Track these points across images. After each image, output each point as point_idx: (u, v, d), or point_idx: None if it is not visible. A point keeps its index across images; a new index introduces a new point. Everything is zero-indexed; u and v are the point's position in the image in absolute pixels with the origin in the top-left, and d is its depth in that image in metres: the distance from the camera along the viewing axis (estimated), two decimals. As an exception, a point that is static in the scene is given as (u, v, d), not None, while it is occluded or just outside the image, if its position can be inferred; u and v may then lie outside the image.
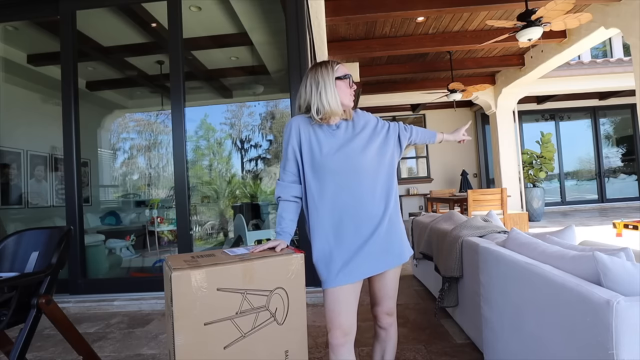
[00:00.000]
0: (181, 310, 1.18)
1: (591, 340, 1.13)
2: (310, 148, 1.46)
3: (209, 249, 2.39)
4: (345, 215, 1.40)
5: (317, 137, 1.46)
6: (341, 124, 1.49)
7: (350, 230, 1.40)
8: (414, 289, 3.46)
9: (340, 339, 1.37)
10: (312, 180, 1.44)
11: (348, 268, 1.37)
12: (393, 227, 1.45)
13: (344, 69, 1.48)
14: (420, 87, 7.99)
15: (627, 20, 4.47)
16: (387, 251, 1.43)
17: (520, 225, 6.27)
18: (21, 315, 1.76)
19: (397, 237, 1.46)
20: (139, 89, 6.68)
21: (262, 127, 7.29)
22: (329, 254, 1.40)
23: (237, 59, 5.67)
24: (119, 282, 3.64)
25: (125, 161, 7.11)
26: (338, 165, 1.42)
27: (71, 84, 3.55)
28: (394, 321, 1.56)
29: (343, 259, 1.38)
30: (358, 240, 1.39)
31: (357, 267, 1.38)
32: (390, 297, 1.51)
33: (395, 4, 4.52)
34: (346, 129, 1.48)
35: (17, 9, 3.71)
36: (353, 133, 1.47)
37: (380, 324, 1.55)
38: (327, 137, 1.46)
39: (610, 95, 9.29)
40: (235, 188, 7.01)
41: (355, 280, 1.38)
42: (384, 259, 1.42)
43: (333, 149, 1.43)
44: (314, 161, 1.44)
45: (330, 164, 1.42)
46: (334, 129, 1.47)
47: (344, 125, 1.49)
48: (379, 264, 1.41)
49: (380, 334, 1.57)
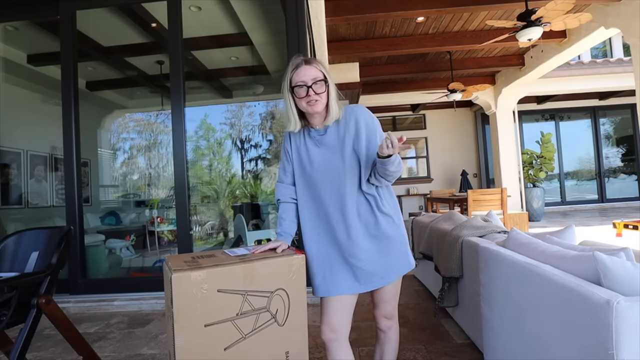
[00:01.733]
0: (181, 311, 1.18)
1: (591, 340, 1.13)
2: (298, 155, 1.47)
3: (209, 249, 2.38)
4: (324, 225, 1.41)
5: (306, 145, 1.45)
6: (329, 128, 1.42)
7: (328, 241, 1.40)
8: (414, 289, 3.46)
9: (328, 334, 1.38)
10: (299, 186, 1.47)
11: (327, 281, 1.38)
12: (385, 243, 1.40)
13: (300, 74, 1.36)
14: (420, 87, 7.99)
15: (627, 20, 4.47)
16: (374, 273, 1.38)
17: (520, 225, 6.28)
18: (21, 315, 1.76)
19: (390, 254, 1.40)
20: (139, 89, 6.68)
21: (262, 127, 7.29)
22: (310, 260, 1.43)
23: (237, 59, 5.67)
24: (119, 282, 3.64)
25: (125, 161, 7.11)
26: (319, 175, 1.42)
27: (71, 84, 3.55)
28: (394, 324, 1.55)
29: (322, 269, 1.40)
30: (337, 254, 1.39)
31: (336, 283, 1.38)
32: (387, 302, 1.49)
33: (395, 4, 4.52)
34: (335, 132, 1.42)
35: (17, 9, 3.71)
36: (336, 139, 1.41)
37: (380, 326, 1.54)
38: (314, 145, 1.44)
39: (610, 95, 9.29)
40: (235, 188, 7.01)
41: (335, 294, 1.38)
42: (367, 278, 1.38)
43: (317, 158, 1.42)
44: (300, 168, 1.46)
45: (312, 173, 1.43)
46: (322, 134, 1.43)
47: (332, 128, 1.42)
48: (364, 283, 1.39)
49: (380, 336, 1.57)
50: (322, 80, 1.36)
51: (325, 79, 1.37)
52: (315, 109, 1.37)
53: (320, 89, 1.35)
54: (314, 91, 1.34)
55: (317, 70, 1.36)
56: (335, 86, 1.43)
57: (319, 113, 1.40)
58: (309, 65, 1.37)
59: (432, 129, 10.28)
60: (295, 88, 1.36)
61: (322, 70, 1.38)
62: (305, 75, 1.35)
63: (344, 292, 1.38)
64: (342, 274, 1.38)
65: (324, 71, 1.38)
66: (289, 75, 1.38)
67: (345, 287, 1.38)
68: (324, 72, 1.38)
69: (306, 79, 1.35)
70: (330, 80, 1.39)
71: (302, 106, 1.38)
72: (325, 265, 1.40)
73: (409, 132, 10.15)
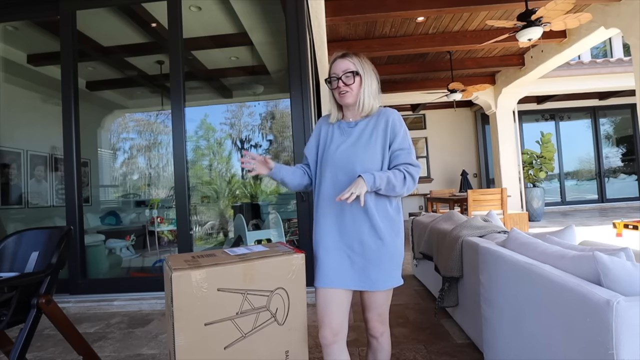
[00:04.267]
0: (181, 310, 1.18)
1: (591, 340, 1.13)
2: (325, 142, 1.51)
3: (209, 249, 2.39)
4: (331, 214, 1.42)
5: (332, 133, 1.50)
6: (360, 122, 1.46)
7: (334, 231, 1.41)
8: (414, 289, 3.46)
9: (330, 338, 1.36)
10: (318, 173, 1.51)
11: (329, 270, 1.38)
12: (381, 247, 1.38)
13: (335, 66, 1.45)
14: (420, 87, 7.99)
15: (627, 20, 4.47)
16: (364, 270, 1.38)
17: (520, 225, 6.27)
18: (21, 315, 1.76)
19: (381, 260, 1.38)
20: (139, 89, 6.68)
21: (262, 127, 7.30)
22: (316, 248, 1.45)
23: (237, 59, 5.67)
24: (119, 282, 3.64)
25: (125, 161, 7.11)
26: (335, 162, 1.43)
27: (71, 84, 3.55)
28: (386, 330, 1.51)
29: (323, 258, 1.40)
30: (340, 245, 1.39)
31: (334, 274, 1.37)
32: (378, 305, 1.45)
33: (395, 4, 4.52)
34: (364, 126, 1.45)
35: (17, 9, 3.71)
36: (361, 132, 1.44)
37: (371, 332, 1.50)
38: (340, 134, 1.48)
39: (610, 95, 9.29)
40: (235, 188, 7.01)
41: (334, 286, 1.37)
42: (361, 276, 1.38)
43: (338, 147, 1.45)
44: (320, 155, 1.51)
45: (328, 160, 1.45)
46: (352, 126, 1.47)
47: (363, 123, 1.45)
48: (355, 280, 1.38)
49: (372, 343, 1.53)
50: (353, 72, 1.41)
51: (356, 72, 1.42)
52: (345, 100, 1.44)
53: (349, 80, 1.42)
54: (344, 82, 1.41)
55: (350, 63, 1.43)
56: (378, 83, 1.47)
57: (351, 105, 1.46)
58: (344, 58, 1.44)
59: (432, 129, 10.28)
60: (331, 80, 1.45)
61: (355, 63, 1.43)
62: (338, 67, 1.44)
63: (346, 285, 1.38)
64: (345, 267, 1.38)
65: (357, 64, 1.43)
66: (329, 68, 1.47)
67: (348, 280, 1.38)
68: (358, 65, 1.43)
69: (337, 71, 1.43)
70: (364, 74, 1.43)
71: (337, 97, 1.47)
72: (331, 254, 1.40)
73: (409, 132, 10.13)
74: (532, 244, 1.67)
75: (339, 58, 1.45)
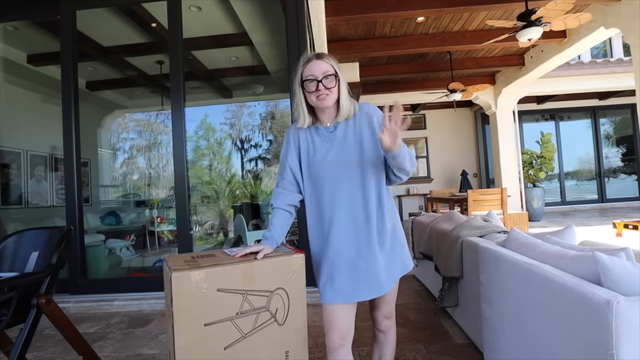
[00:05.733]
0: (181, 310, 1.18)
1: (591, 340, 1.13)
2: (307, 153, 1.43)
3: (209, 249, 2.39)
4: (332, 225, 1.38)
5: (313, 142, 1.43)
6: (338, 125, 1.40)
7: (335, 242, 1.37)
8: (414, 289, 3.46)
9: (338, 342, 1.35)
10: (307, 184, 1.44)
11: (334, 285, 1.34)
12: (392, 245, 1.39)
13: (311, 68, 1.35)
14: (420, 87, 7.99)
15: (627, 20, 4.47)
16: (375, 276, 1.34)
17: (520, 225, 6.27)
18: (21, 315, 1.76)
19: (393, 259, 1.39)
20: (139, 89, 6.68)
21: (262, 127, 7.30)
22: (318, 262, 1.42)
23: (237, 59, 5.67)
24: (119, 282, 3.64)
25: (125, 161, 7.11)
26: (331, 171, 1.38)
27: (71, 84, 3.55)
28: (393, 324, 1.54)
29: (328, 272, 1.36)
30: (344, 256, 1.35)
31: (342, 287, 1.34)
32: (388, 302, 1.48)
33: (395, 4, 4.52)
34: (345, 127, 1.39)
35: (17, 9, 3.71)
36: (344, 134, 1.38)
37: (379, 327, 1.52)
38: (324, 142, 1.41)
39: (610, 95, 9.29)
40: (235, 188, 7.01)
41: (341, 302, 1.34)
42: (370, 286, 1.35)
43: (328, 155, 1.39)
44: (307, 166, 1.43)
45: (319, 170, 1.40)
46: (332, 131, 1.40)
47: (342, 125, 1.40)
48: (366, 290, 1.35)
49: (379, 337, 1.55)
50: (333, 75, 1.34)
51: (336, 74, 1.36)
52: (325, 104, 1.35)
53: (330, 83, 1.34)
54: (324, 85, 1.33)
55: (328, 65, 1.35)
56: (347, 84, 1.41)
57: (329, 108, 1.39)
58: (320, 60, 1.36)
59: (432, 129, 10.28)
60: (306, 82, 1.35)
61: (333, 65, 1.36)
62: (316, 69, 1.34)
63: (356, 299, 1.34)
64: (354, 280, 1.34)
65: (335, 66, 1.36)
66: (300, 70, 1.37)
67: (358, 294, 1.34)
68: (335, 67, 1.37)
69: (316, 73, 1.34)
70: (341, 76, 1.38)
71: (312, 101, 1.36)
72: (331, 268, 1.36)
73: (409, 132, 10.14)
74: (532, 244, 1.67)
75: (315, 59, 1.35)
